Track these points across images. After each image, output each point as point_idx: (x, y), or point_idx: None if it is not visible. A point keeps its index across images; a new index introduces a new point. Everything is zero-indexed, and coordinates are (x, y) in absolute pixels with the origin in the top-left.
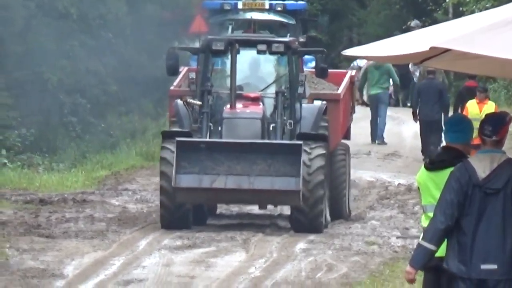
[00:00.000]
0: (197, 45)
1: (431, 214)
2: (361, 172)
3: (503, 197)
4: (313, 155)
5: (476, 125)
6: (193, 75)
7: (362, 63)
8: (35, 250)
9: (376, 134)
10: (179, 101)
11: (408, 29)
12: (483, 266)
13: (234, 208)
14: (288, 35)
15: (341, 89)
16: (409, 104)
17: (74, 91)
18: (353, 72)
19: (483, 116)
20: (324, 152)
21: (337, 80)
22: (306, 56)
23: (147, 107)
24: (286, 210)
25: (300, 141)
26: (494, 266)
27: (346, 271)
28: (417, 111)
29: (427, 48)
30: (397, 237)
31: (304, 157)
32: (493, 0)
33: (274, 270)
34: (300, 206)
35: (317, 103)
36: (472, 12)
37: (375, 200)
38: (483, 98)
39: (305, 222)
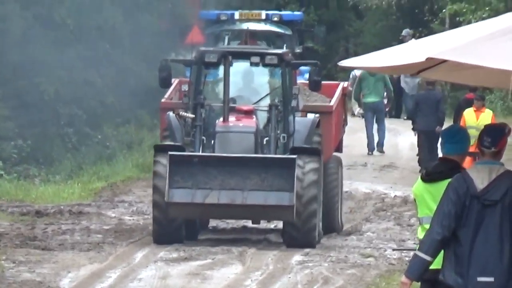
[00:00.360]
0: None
1: (427, 226)
2: (357, 184)
3: (501, 209)
4: (306, 169)
5: (473, 133)
6: (185, 87)
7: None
8: (31, 262)
9: (373, 145)
10: (171, 114)
11: (402, 39)
12: (480, 279)
13: (231, 221)
14: (285, 45)
15: (333, 101)
16: (405, 118)
17: (70, 102)
18: (346, 84)
19: (480, 123)
20: (317, 166)
21: (329, 91)
22: (303, 67)
23: (144, 118)
24: (281, 223)
25: (293, 155)
26: (491, 279)
27: (342, 284)
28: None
29: (423, 59)
30: (393, 249)
31: (297, 171)
32: (490, 10)
33: (270, 283)
34: (294, 222)
35: (311, 116)
36: (469, 22)
37: (371, 212)
38: (480, 106)
39: (298, 237)
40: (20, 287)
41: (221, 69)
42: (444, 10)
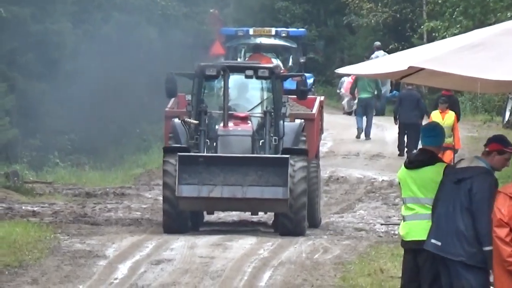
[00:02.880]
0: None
1: (409, 205)
2: (351, 170)
3: (461, 189)
4: (296, 167)
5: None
6: (189, 97)
7: (348, 78)
8: (82, 235)
9: (363, 131)
10: (176, 120)
11: (373, 49)
12: (432, 241)
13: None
14: (291, 56)
15: (314, 110)
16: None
17: (114, 102)
18: (322, 98)
19: (444, 123)
20: (305, 164)
21: (309, 104)
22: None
23: None
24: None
25: (286, 155)
26: (439, 243)
27: (339, 253)
28: (397, 115)
29: (406, 67)
30: (381, 224)
31: (289, 169)
32: (461, 27)
33: (280, 251)
34: (287, 213)
35: (297, 121)
36: (443, 37)
37: (363, 194)
38: (444, 108)
39: (290, 227)
40: (73, 255)
41: (219, 81)
42: (422, 27)
